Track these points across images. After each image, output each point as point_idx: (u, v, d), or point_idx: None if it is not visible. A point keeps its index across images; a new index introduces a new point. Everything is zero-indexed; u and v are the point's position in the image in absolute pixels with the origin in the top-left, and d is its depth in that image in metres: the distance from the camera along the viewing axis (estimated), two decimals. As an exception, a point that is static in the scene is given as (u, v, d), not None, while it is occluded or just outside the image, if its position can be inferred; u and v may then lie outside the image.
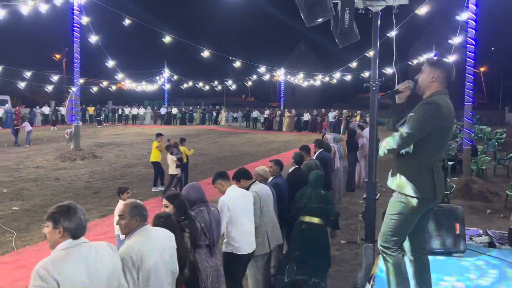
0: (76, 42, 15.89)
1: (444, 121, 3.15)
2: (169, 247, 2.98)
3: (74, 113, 16.35)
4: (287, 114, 31.93)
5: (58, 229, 2.34)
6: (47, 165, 14.29)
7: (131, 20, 19.23)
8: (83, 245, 2.39)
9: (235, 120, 37.36)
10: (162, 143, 10.88)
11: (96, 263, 2.39)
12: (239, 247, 4.23)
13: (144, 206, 2.96)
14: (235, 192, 4.34)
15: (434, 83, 3.26)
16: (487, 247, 4.52)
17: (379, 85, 4.68)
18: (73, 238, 2.37)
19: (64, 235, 2.35)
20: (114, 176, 12.56)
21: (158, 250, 2.86)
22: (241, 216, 4.25)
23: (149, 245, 2.82)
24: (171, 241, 3.03)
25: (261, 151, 18.53)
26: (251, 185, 4.67)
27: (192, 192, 3.88)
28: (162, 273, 2.86)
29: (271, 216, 4.77)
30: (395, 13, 4.65)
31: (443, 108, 3.13)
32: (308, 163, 6.28)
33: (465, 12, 11.18)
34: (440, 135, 3.17)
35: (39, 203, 9.34)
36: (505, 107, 41.27)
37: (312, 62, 61.26)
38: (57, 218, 2.35)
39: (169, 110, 37.72)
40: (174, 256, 3.03)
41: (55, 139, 22.30)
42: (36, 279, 2.19)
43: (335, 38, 4.42)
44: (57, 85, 34.04)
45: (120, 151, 18.17)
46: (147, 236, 2.86)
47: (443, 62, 3.38)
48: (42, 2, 15.31)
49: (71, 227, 2.35)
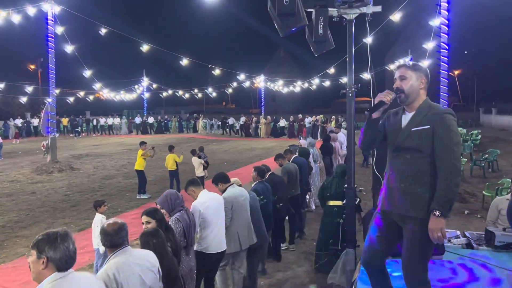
0: (51, 52, 15.61)
1: None
2: (147, 268, 2.84)
3: (50, 124, 16.01)
4: (263, 121, 32.15)
5: (41, 259, 2.14)
6: (23, 179, 13.92)
7: (107, 29, 19.02)
8: (71, 276, 2.22)
9: (213, 128, 37.43)
10: (146, 150, 11.00)
11: None
12: (209, 246, 4.49)
13: (118, 231, 2.79)
14: (207, 196, 4.61)
15: (422, 90, 3.01)
16: (465, 248, 4.59)
17: (355, 91, 4.74)
18: (59, 270, 2.17)
19: (48, 266, 2.15)
20: (93, 188, 12.32)
21: (137, 273, 2.74)
22: (212, 218, 4.51)
23: (126, 269, 2.70)
24: (150, 260, 2.90)
25: (243, 158, 18.49)
26: (227, 187, 5.03)
27: (172, 198, 4.10)
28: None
29: (243, 218, 5.00)
30: (368, 20, 4.73)
31: None
32: (286, 166, 7.20)
33: (438, 18, 11.45)
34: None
35: (14, 219, 9.06)
36: (479, 108, 42.41)
37: (292, 68, 61.79)
38: (41, 247, 2.15)
39: (145, 119, 37.30)
40: (154, 276, 2.88)
41: (31, 152, 21.78)
42: None
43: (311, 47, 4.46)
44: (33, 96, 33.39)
45: (99, 162, 17.86)
46: (123, 259, 2.74)
47: (424, 67, 3.14)
48: (15, 13, 15.01)
49: (55, 257, 2.15)
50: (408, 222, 2.94)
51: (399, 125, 3.04)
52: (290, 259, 6.66)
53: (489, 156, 14.55)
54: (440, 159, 2.80)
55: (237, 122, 35.19)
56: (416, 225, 2.88)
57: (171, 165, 11.26)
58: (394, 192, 2.97)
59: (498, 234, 4.46)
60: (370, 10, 4.64)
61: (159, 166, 15.29)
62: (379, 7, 4.73)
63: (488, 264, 4.02)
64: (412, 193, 2.89)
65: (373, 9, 4.69)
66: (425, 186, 2.85)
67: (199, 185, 4.68)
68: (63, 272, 2.18)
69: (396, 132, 3.03)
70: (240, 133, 33.45)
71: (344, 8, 4.50)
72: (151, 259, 2.91)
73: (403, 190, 2.92)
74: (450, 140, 2.81)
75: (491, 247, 4.44)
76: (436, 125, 2.85)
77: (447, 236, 4.73)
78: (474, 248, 4.53)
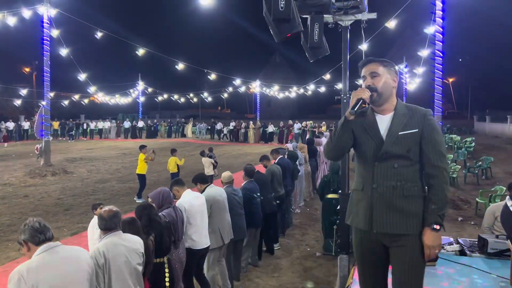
0: (46, 55, 15.55)
1: None
2: (133, 250, 3.30)
3: (44, 127, 15.92)
4: (252, 126, 32.32)
5: (23, 246, 2.61)
6: (16, 182, 13.80)
7: (103, 33, 19.00)
8: (54, 250, 2.63)
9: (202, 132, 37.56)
10: (149, 154, 11.15)
11: (70, 263, 2.66)
12: (195, 242, 4.81)
13: (112, 216, 3.32)
14: (190, 196, 4.94)
15: (395, 88, 2.66)
16: (458, 255, 4.60)
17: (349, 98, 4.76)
18: (36, 244, 2.59)
19: (29, 246, 2.60)
20: (86, 192, 12.24)
21: (123, 253, 3.21)
22: (196, 216, 4.82)
23: (114, 249, 3.18)
24: (136, 244, 3.37)
25: (237, 163, 18.45)
26: (206, 188, 5.37)
27: (165, 195, 4.47)
28: (125, 272, 3.20)
29: (223, 215, 5.35)
30: (364, 27, 4.76)
31: None
32: (270, 167, 7.54)
33: (433, 25, 11.56)
34: None
35: (6, 222, 8.98)
36: (473, 116, 42.68)
37: (287, 74, 61.97)
38: (18, 239, 2.64)
39: (135, 123, 36.99)
40: (138, 258, 3.34)
41: (24, 155, 21.63)
42: (11, 285, 2.46)
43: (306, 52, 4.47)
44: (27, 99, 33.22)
45: (93, 166, 17.76)
46: (113, 241, 3.23)
47: (392, 62, 2.74)
48: (11, 15, 14.96)
49: (26, 237, 2.58)
50: (398, 241, 2.58)
51: (376, 129, 2.62)
52: (283, 264, 6.64)
53: (482, 163, 14.63)
54: (434, 166, 2.54)
55: (226, 127, 35.22)
56: (410, 243, 2.56)
57: (173, 167, 11.53)
58: (381, 207, 2.57)
59: (491, 241, 4.46)
60: (366, 17, 4.67)
61: (154, 170, 15.24)
62: (374, 14, 4.76)
63: (481, 271, 4.03)
64: (405, 207, 2.55)
65: (368, 16, 4.72)
66: (420, 198, 2.58)
67: (183, 185, 5.03)
68: (40, 245, 2.60)
69: (375, 137, 2.61)
70: (229, 138, 33.47)
71: (339, 15, 4.53)
72: (137, 243, 3.38)
73: (394, 205, 2.55)
74: (441, 144, 2.57)
75: (484, 254, 4.44)
76: (425, 128, 2.55)
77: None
78: (467, 255, 4.53)
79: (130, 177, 14.92)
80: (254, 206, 6.15)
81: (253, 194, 6.17)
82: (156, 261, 3.97)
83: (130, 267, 3.23)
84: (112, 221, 3.29)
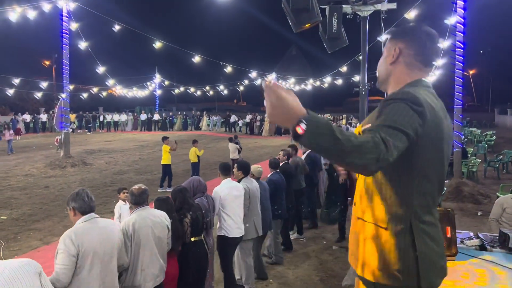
0: (66, 48, 15.76)
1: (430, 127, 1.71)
2: (158, 222, 3.71)
3: (64, 120, 16.19)
4: (267, 120, 32.19)
5: (71, 210, 3.17)
6: (37, 173, 14.11)
7: (121, 26, 19.14)
8: (95, 220, 3.18)
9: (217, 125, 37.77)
10: (172, 145, 11.67)
11: (105, 233, 3.17)
12: (230, 231, 4.92)
13: (142, 193, 3.77)
14: (228, 184, 5.02)
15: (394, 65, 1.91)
16: (478, 250, 4.52)
17: (368, 89, 4.69)
18: (82, 214, 3.14)
19: (76, 213, 3.15)
20: (105, 183, 12.43)
21: (149, 225, 3.62)
22: (232, 204, 4.93)
23: (142, 221, 3.61)
24: (161, 218, 3.77)
25: (253, 156, 18.47)
26: (243, 178, 5.40)
27: (195, 184, 4.64)
28: (151, 242, 3.61)
29: (257, 208, 5.42)
30: (383, 18, 4.67)
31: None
32: (295, 159, 7.59)
33: (454, 16, 11.28)
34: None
35: (27, 212, 9.19)
36: (494, 109, 41.77)
37: (303, 66, 61.59)
38: (68, 202, 3.19)
39: (150, 116, 37.43)
40: (163, 230, 3.74)
41: (45, 147, 22.07)
42: (62, 245, 2.98)
43: (324, 43, 4.42)
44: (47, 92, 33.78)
45: (111, 158, 18.02)
46: (141, 214, 3.67)
47: (410, 28, 1.92)
48: (31, 9, 15.19)
49: (76, 206, 3.14)
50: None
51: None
52: (298, 257, 6.64)
53: (503, 157, 14.33)
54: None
55: (242, 120, 35.32)
56: None
57: (193, 157, 12.07)
58: None
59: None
60: (385, 7, 4.58)
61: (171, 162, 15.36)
62: (394, 4, 4.67)
63: (502, 266, 3.96)
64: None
65: (387, 6, 4.63)
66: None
67: (226, 174, 5.11)
68: (86, 215, 3.16)
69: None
70: (246, 131, 33.57)
71: (358, 5, 4.45)
72: (162, 217, 3.80)
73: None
74: (387, 117, 1.62)
75: (505, 249, 4.35)
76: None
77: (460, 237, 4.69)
78: (487, 250, 4.45)
79: (148, 168, 15.10)
80: (279, 198, 6.18)
81: (279, 185, 6.20)
82: (194, 239, 4.26)
83: (155, 237, 3.64)
84: (141, 197, 3.74)
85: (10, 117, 32.15)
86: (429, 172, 1.75)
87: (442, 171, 1.82)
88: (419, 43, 1.84)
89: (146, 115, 37.40)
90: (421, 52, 1.84)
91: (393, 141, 1.48)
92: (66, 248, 2.96)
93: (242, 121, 35.10)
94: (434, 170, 1.76)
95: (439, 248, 1.80)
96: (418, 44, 1.85)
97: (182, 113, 41.27)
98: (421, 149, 1.69)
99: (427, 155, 1.72)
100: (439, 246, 1.80)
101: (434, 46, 1.87)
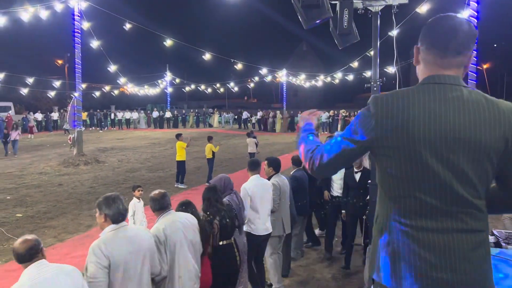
0: (77, 47, 15.93)
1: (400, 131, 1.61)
2: (188, 226, 3.58)
3: (76, 118, 16.39)
4: (279, 116, 32.22)
5: (101, 215, 2.98)
6: (50, 171, 14.31)
7: (132, 25, 19.26)
8: (124, 228, 3.02)
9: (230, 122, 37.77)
10: (187, 142, 11.98)
11: (136, 241, 3.01)
12: (256, 228, 4.89)
13: (163, 196, 3.61)
14: (257, 181, 4.99)
15: (419, 65, 1.80)
16: (493, 247, 4.47)
17: (380, 85, 4.65)
18: (114, 223, 2.97)
19: (107, 219, 2.97)
20: (118, 181, 12.55)
21: (180, 228, 3.49)
22: (259, 201, 4.90)
23: (172, 225, 3.47)
24: (190, 220, 3.66)
25: (264, 153, 18.45)
26: (274, 175, 5.39)
27: (226, 182, 4.57)
28: (184, 246, 3.49)
29: (286, 205, 5.41)
30: (394, 13, 4.61)
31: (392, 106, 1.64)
32: None
33: (466, 9, 11.11)
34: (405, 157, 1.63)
35: (42, 210, 9.34)
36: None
37: (314, 62, 61.28)
38: (100, 206, 2.99)
39: (162, 113, 37.77)
40: (194, 233, 3.62)
41: (58, 145, 22.36)
42: (92, 256, 2.79)
43: (335, 39, 4.39)
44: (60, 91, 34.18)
45: (123, 156, 18.18)
46: (169, 218, 3.53)
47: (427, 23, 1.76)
48: (43, 9, 15.37)
49: (110, 214, 2.96)
50: None
51: None
52: (310, 254, 6.63)
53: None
54: None
55: (254, 116, 35.48)
56: None
57: (208, 153, 12.26)
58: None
59: (528, 233, 4.31)
60: (397, 2, 4.53)
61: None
62: (405, -2, 4.61)
63: (518, 263, 3.90)
64: None
65: (399, 1, 4.57)
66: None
67: (254, 170, 5.08)
68: (116, 224, 2.98)
69: None
70: (258, 127, 33.70)
71: (369, 0, 4.41)
72: (191, 219, 3.70)
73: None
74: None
75: (520, 246, 4.30)
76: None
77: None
78: (502, 247, 4.40)
79: (160, 166, 15.21)
80: (302, 195, 6.19)
81: (302, 182, 6.21)
82: (223, 243, 4.14)
83: (187, 241, 3.52)
84: (165, 200, 3.60)
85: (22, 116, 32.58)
86: (398, 174, 1.64)
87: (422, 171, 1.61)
88: (428, 33, 1.72)
89: (158, 113, 37.71)
90: (432, 43, 1.69)
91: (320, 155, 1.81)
92: (96, 259, 2.78)
93: (254, 118, 35.16)
94: (402, 170, 1.63)
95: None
96: (427, 35, 1.72)
97: (194, 110, 41.53)
98: (381, 149, 1.67)
99: (391, 156, 1.64)
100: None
101: (449, 34, 1.64)
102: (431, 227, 1.62)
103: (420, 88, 1.67)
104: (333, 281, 5.66)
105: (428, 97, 1.62)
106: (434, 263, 1.61)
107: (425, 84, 1.68)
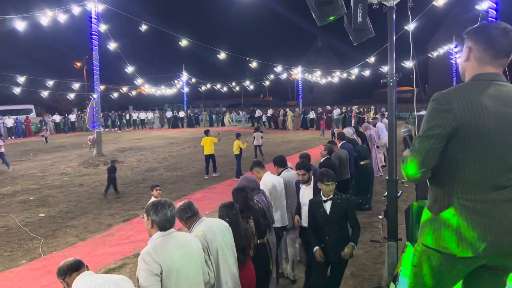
0: (95, 49, 16.19)
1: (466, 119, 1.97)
2: (224, 230, 3.51)
3: (95, 119, 16.68)
4: (290, 114, 32.13)
5: (149, 221, 2.88)
6: (71, 172, 14.60)
7: (148, 26, 19.47)
8: (173, 234, 2.89)
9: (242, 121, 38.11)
10: (219, 137, 13.21)
11: (187, 248, 2.91)
12: (277, 221, 5.07)
13: (190, 204, 3.51)
14: (272, 177, 5.27)
15: (467, 63, 2.13)
16: None
17: (396, 80, 4.59)
18: (161, 230, 2.85)
19: (153, 226, 2.86)
20: (137, 181, 12.73)
21: (218, 233, 3.43)
22: (278, 196, 5.15)
23: (210, 231, 3.38)
24: (224, 224, 3.59)
25: (280, 151, 18.42)
26: (283, 171, 5.65)
27: (250, 182, 4.69)
28: (225, 251, 3.43)
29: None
30: (410, 6, 4.55)
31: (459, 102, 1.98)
32: (337, 152, 7.68)
33: (485, 1, 10.87)
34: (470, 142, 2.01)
35: (64, 209, 9.54)
36: (531, 96, 40.01)
37: (330, 59, 60.78)
38: (148, 211, 2.89)
39: (176, 113, 38.18)
40: (230, 236, 3.55)
41: (78, 146, 22.78)
42: (143, 263, 2.69)
43: (349, 35, 4.36)
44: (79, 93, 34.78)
45: (142, 156, 18.42)
46: (205, 224, 3.44)
47: (478, 26, 2.14)
48: (61, 13, 15.66)
49: (157, 220, 2.84)
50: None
51: None
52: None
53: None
54: None
55: (265, 114, 35.64)
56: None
57: (236, 149, 12.81)
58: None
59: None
60: (412, -5, 4.46)
61: (200, 159, 15.59)
62: (421, -8, 4.54)
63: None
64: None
65: (415, -6, 4.51)
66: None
67: (264, 167, 5.38)
68: (164, 231, 2.86)
69: None
70: (269, 125, 33.89)
71: (384, -5, 4.35)
72: (224, 223, 3.61)
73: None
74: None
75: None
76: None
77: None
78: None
79: (177, 165, 15.36)
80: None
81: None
82: (258, 242, 4.19)
83: (227, 245, 3.48)
84: (192, 207, 3.49)
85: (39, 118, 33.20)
86: (467, 161, 2.02)
87: (491, 158, 2.00)
88: (487, 38, 2.06)
89: (171, 113, 38.12)
90: (490, 47, 2.05)
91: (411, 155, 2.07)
92: (147, 266, 2.68)
93: (265, 116, 35.26)
94: (473, 159, 2.01)
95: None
96: (485, 40, 2.06)
97: (207, 109, 41.89)
98: (458, 138, 2.01)
99: (463, 145, 2.01)
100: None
101: (504, 39, 2.04)
102: (491, 199, 2.01)
103: (479, 83, 2.04)
104: (352, 278, 5.63)
105: (489, 91, 2.00)
106: (493, 229, 1.98)
107: (484, 81, 2.04)
